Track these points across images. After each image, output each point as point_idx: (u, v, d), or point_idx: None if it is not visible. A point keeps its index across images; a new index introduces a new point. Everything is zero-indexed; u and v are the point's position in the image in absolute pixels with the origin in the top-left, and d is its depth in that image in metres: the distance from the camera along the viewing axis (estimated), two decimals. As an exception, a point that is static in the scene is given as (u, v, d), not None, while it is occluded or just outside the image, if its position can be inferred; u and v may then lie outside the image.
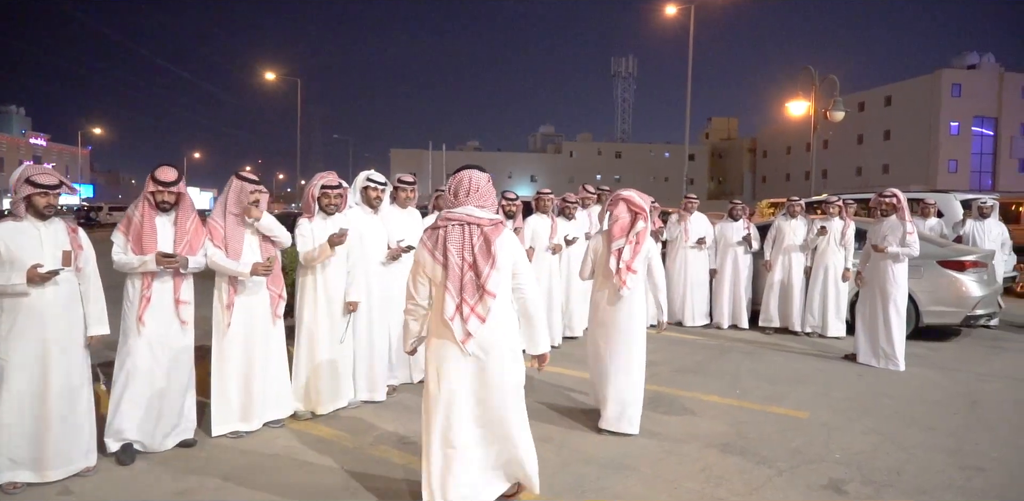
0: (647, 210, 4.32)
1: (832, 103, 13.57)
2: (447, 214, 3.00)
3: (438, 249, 2.97)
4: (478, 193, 3.01)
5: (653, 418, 4.61)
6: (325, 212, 4.55)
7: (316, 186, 4.53)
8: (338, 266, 4.57)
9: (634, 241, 4.26)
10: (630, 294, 4.26)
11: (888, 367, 6.07)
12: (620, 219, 4.31)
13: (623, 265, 4.22)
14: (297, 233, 4.46)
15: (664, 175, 68.46)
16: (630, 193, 4.38)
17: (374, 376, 4.90)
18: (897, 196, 6.08)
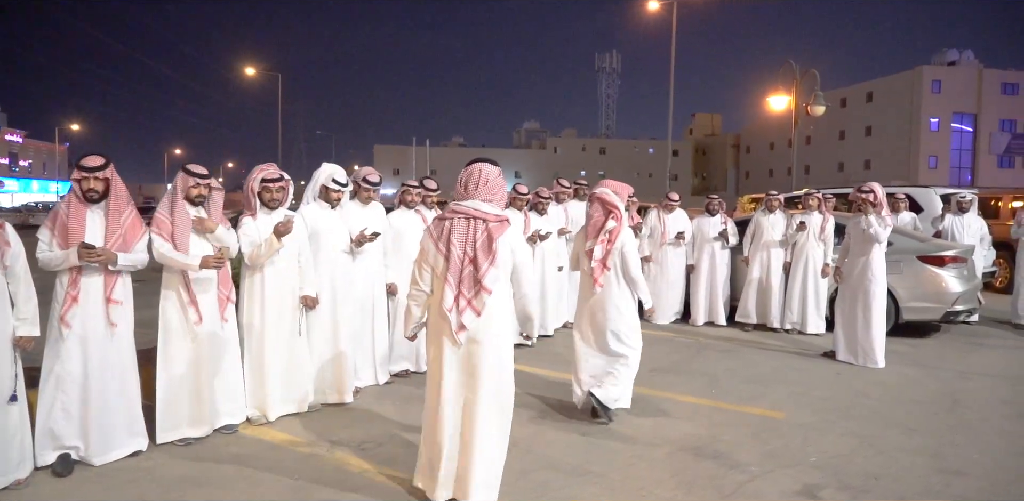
0: (620, 208, 4.30)
1: (813, 97, 13.48)
2: (454, 206, 3.04)
3: (442, 240, 3.03)
4: (487, 187, 3.06)
5: (625, 421, 4.44)
6: (268, 207, 4.32)
7: (255, 180, 4.28)
8: (287, 262, 4.33)
9: (605, 240, 4.28)
10: (609, 289, 4.29)
11: (867, 364, 5.95)
12: (594, 218, 4.34)
13: (595, 264, 4.27)
14: (240, 233, 4.21)
15: (648, 171, 68.51)
16: (604, 190, 4.35)
17: (337, 377, 4.69)
18: (875, 191, 5.95)
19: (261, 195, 4.30)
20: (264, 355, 4.28)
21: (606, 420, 4.34)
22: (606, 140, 78.63)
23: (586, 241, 4.37)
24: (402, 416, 4.51)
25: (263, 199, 4.30)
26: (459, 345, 3.02)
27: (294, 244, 4.37)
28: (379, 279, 5.14)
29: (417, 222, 5.50)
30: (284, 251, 4.30)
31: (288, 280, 4.36)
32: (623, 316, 4.35)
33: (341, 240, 4.75)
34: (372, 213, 5.10)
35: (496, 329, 3.04)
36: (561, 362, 6.02)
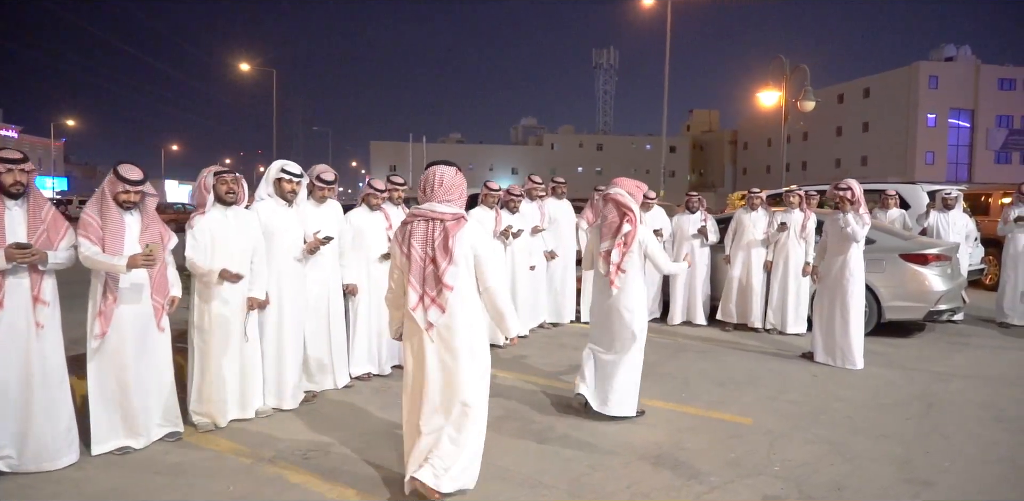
0: (635, 209, 4.30)
1: (803, 93, 13.29)
2: (414, 210, 3.17)
3: (404, 243, 3.17)
4: (443, 188, 3.14)
5: (586, 427, 4.28)
6: (225, 202, 4.15)
7: (208, 175, 4.12)
8: (240, 264, 4.17)
9: (622, 243, 4.27)
10: (624, 290, 4.31)
11: (845, 366, 5.79)
12: (608, 219, 4.35)
13: (612, 267, 4.27)
14: (188, 235, 4.04)
15: (645, 167, 68.20)
16: (618, 191, 4.34)
17: (288, 382, 4.52)
18: (852, 188, 5.78)
19: (217, 188, 4.12)
20: (213, 359, 4.12)
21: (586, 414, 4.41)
22: (603, 136, 78.38)
23: (601, 242, 4.38)
24: (356, 421, 4.35)
25: (220, 192, 4.13)
26: (432, 341, 3.14)
27: (248, 244, 4.21)
28: (334, 280, 4.97)
29: (379, 221, 5.33)
30: (238, 252, 4.14)
31: (240, 282, 4.19)
32: (635, 317, 4.35)
33: (295, 241, 4.58)
34: (328, 213, 4.93)
35: (464, 321, 3.14)
36: (522, 365, 5.87)
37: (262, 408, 4.39)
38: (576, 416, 4.48)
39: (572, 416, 4.50)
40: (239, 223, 4.19)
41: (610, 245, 4.31)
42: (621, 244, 4.27)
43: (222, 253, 4.10)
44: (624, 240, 4.27)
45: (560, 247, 7.45)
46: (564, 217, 7.52)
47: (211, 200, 4.11)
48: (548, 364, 5.91)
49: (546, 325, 7.48)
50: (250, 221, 4.26)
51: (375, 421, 4.37)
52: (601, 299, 4.47)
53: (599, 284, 4.48)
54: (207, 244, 4.08)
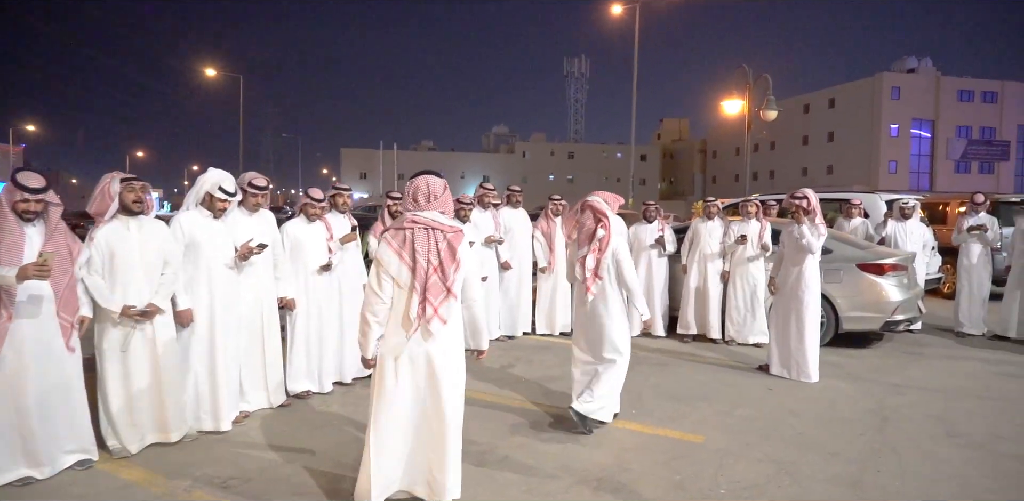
0: (609, 216, 4.34)
1: (765, 102, 13.33)
2: (413, 217, 3.10)
3: (405, 250, 3.07)
4: (439, 200, 3.16)
5: (528, 448, 4.09)
6: (131, 211, 3.86)
7: (113, 181, 3.81)
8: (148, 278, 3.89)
9: (596, 249, 4.29)
10: (603, 298, 4.34)
11: (800, 379, 5.68)
12: (585, 226, 4.40)
13: (588, 273, 4.29)
14: (84, 250, 3.73)
15: (616, 175, 68.53)
16: (595, 199, 4.43)
17: (214, 402, 4.26)
18: (808, 197, 5.70)
19: (123, 196, 3.84)
20: (119, 382, 3.83)
21: (585, 431, 4.32)
22: (575, 145, 78.60)
23: (579, 249, 4.41)
24: (288, 442, 4.10)
25: (126, 201, 3.84)
26: (422, 354, 3.07)
27: (155, 258, 3.93)
28: (269, 294, 4.72)
29: (318, 232, 5.10)
30: (143, 267, 3.86)
31: (151, 295, 3.91)
32: (614, 324, 4.36)
33: (223, 252, 4.32)
34: (260, 222, 4.69)
35: (456, 337, 3.18)
36: (467, 381, 5.64)
37: (185, 432, 4.12)
38: (522, 436, 4.29)
39: (518, 435, 4.30)
40: (144, 236, 3.90)
41: (586, 251, 4.33)
42: (596, 250, 4.29)
43: (123, 269, 3.80)
44: (599, 246, 4.28)
45: (515, 257, 7.27)
46: (519, 227, 7.34)
47: (114, 209, 3.82)
48: (496, 379, 5.71)
49: (502, 338, 7.28)
50: (157, 232, 3.97)
51: (308, 443, 4.12)
52: (580, 307, 4.50)
53: (578, 292, 4.51)
54: (106, 259, 3.78)
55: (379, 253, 3.11)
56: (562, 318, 7.54)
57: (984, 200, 7.71)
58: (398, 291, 3.08)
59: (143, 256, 3.87)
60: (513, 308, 7.34)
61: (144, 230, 3.93)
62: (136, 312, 3.78)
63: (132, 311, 3.77)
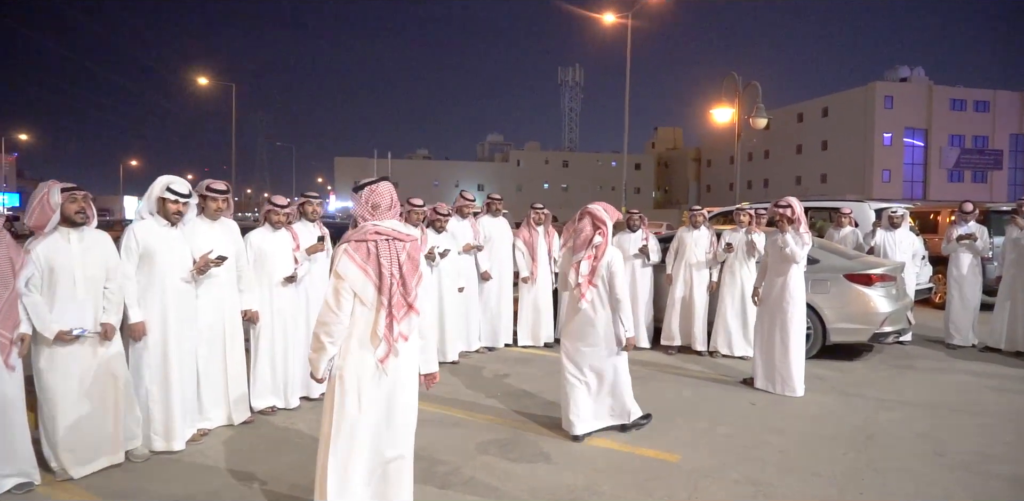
0: (609, 225, 4.34)
1: (755, 110, 13.23)
2: (376, 228, 2.87)
3: (370, 264, 2.84)
4: (395, 209, 2.98)
5: (495, 468, 3.90)
6: (74, 222, 3.66)
7: (54, 190, 3.60)
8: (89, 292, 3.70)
9: (592, 256, 4.26)
10: (593, 307, 4.31)
11: (785, 393, 5.50)
12: (583, 232, 4.34)
13: (582, 279, 4.26)
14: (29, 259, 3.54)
15: (611, 184, 68.53)
16: (596, 207, 4.39)
17: (167, 421, 4.06)
18: (792, 206, 5.55)
19: (65, 207, 3.64)
20: (59, 403, 3.62)
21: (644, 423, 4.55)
22: (569, 153, 78.66)
23: (573, 254, 4.37)
24: (245, 462, 3.90)
25: (68, 212, 3.64)
26: (386, 375, 2.88)
27: (97, 271, 3.73)
28: (231, 305, 4.53)
29: (283, 241, 4.92)
30: (84, 281, 3.66)
31: (93, 310, 3.72)
32: (608, 334, 4.35)
33: (179, 262, 4.13)
34: (222, 231, 4.50)
35: (415, 355, 3.03)
36: (441, 395, 5.45)
37: (138, 451, 3.92)
38: (490, 455, 4.10)
39: (486, 455, 4.11)
40: (86, 247, 3.70)
41: (581, 256, 4.29)
42: (592, 257, 4.26)
43: (63, 284, 3.60)
44: (595, 253, 4.25)
45: (495, 267, 7.10)
46: (500, 236, 7.17)
47: (55, 220, 3.61)
48: (470, 394, 5.52)
49: (481, 350, 7.09)
50: (100, 244, 3.78)
51: (267, 464, 3.92)
52: (572, 316, 4.42)
53: (570, 301, 4.43)
54: (45, 275, 3.57)
55: (340, 268, 2.81)
56: (546, 329, 7.37)
57: (973, 209, 7.57)
58: (360, 308, 2.84)
59: (84, 270, 3.67)
60: (494, 319, 7.16)
61: (86, 242, 3.72)
62: (71, 337, 3.58)
63: (67, 337, 3.57)
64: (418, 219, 6.03)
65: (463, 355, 6.80)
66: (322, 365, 2.86)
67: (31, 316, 3.49)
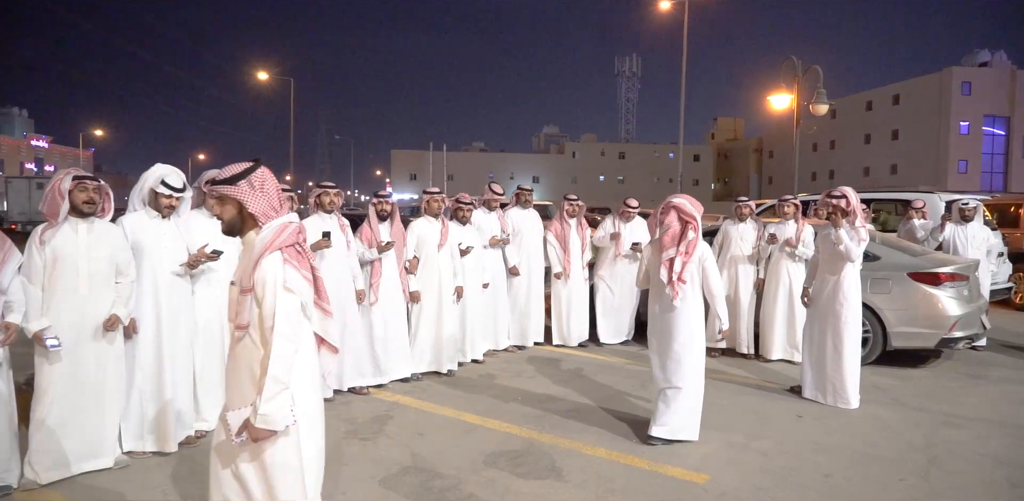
0: (698, 219, 4.20)
1: (816, 95, 12.40)
2: (297, 227, 2.31)
3: (304, 270, 2.28)
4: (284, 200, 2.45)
5: (499, 484, 3.54)
6: (80, 213, 3.51)
7: (65, 178, 3.48)
8: (92, 286, 3.53)
9: (684, 252, 4.13)
10: (684, 304, 4.16)
11: (837, 404, 4.96)
12: (671, 228, 4.19)
13: (675, 276, 4.12)
14: (27, 252, 3.41)
15: (668, 176, 67.03)
16: (681, 200, 4.20)
17: (160, 421, 3.85)
18: (847, 197, 4.98)
19: (74, 196, 3.49)
20: (48, 398, 3.44)
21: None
22: (626, 145, 77.44)
23: (661, 252, 4.21)
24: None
25: (76, 201, 3.49)
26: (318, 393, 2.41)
27: (105, 266, 3.56)
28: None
29: None
30: (88, 275, 3.49)
31: (95, 306, 3.54)
32: (693, 333, 4.21)
33: (172, 257, 3.91)
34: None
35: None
36: (456, 398, 5.11)
37: (120, 456, 3.72)
38: (496, 469, 3.74)
39: (492, 468, 3.76)
40: (94, 239, 3.55)
41: (673, 254, 4.15)
42: (684, 253, 4.13)
43: (65, 276, 3.46)
44: (687, 249, 4.12)
45: (525, 262, 6.71)
46: (529, 228, 6.77)
47: (65, 209, 3.48)
48: (489, 397, 5.17)
49: (511, 349, 6.74)
50: (109, 237, 3.62)
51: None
52: (661, 314, 4.26)
53: (659, 298, 4.27)
54: (48, 264, 3.44)
55: (291, 281, 2.22)
56: (579, 328, 6.96)
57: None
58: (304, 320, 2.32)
59: (89, 263, 3.51)
60: (523, 316, 6.78)
61: (95, 233, 3.57)
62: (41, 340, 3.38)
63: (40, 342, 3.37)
64: (435, 209, 5.69)
65: (490, 354, 6.46)
66: (287, 412, 2.17)
67: (28, 307, 3.36)
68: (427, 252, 5.62)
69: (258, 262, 2.19)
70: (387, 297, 5.33)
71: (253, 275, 2.19)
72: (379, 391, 5.23)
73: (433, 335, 5.68)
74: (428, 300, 5.63)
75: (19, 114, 74.97)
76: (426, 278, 5.61)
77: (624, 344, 7.11)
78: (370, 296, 5.24)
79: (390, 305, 5.35)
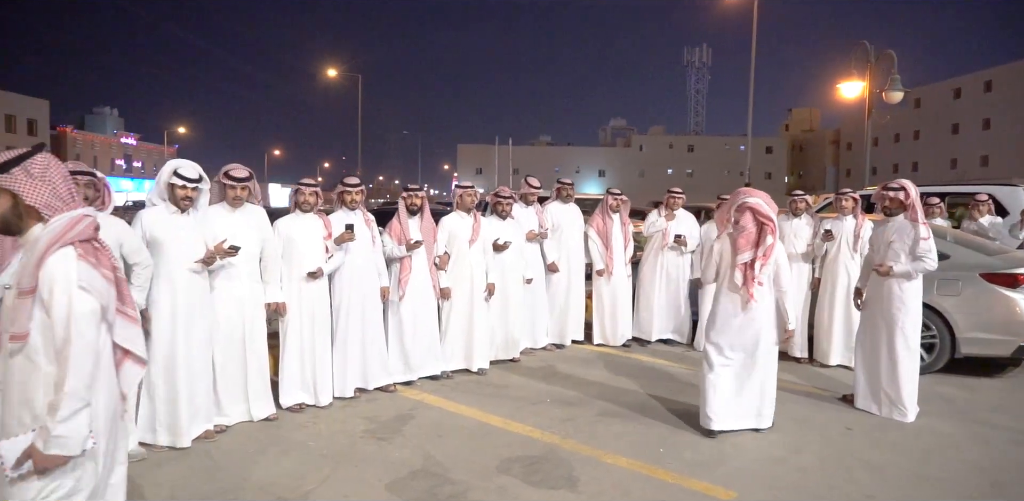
0: (775, 221, 4.12)
1: (890, 82, 11.63)
2: (90, 219, 2.01)
3: (104, 263, 1.99)
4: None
5: (508, 493, 3.37)
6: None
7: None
8: None
9: (763, 255, 4.07)
10: (761, 305, 4.14)
11: (893, 417, 4.56)
12: (746, 230, 4.11)
13: (753, 279, 4.08)
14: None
15: (739, 169, 64.97)
16: (757, 200, 4.10)
17: (172, 416, 3.85)
18: (906, 189, 4.55)
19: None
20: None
21: None
22: (695, 137, 75.51)
23: (736, 254, 4.13)
24: (244, 466, 3.61)
25: None
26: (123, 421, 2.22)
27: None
28: (252, 298, 4.28)
29: (313, 227, 4.60)
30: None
31: None
32: (771, 328, 4.22)
33: (190, 252, 3.89)
34: (244, 219, 4.24)
35: None
36: (483, 398, 4.95)
37: (132, 449, 3.73)
38: (509, 475, 3.57)
39: (505, 475, 3.59)
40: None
41: (751, 256, 4.08)
42: (762, 257, 4.07)
43: None
44: (765, 253, 4.07)
45: (565, 258, 6.50)
46: (570, 223, 6.54)
47: None
48: (519, 397, 4.99)
49: (549, 347, 6.54)
50: (112, 229, 3.57)
51: (266, 470, 3.62)
52: (735, 314, 4.19)
53: (731, 299, 4.20)
54: None
55: (87, 279, 1.90)
56: (622, 327, 6.70)
57: None
58: (104, 335, 1.99)
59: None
60: (562, 314, 6.57)
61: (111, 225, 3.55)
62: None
63: None
64: (467, 204, 5.54)
65: (527, 352, 6.29)
66: (86, 434, 1.89)
67: None
68: (458, 248, 5.48)
69: (43, 259, 1.86)
70: (417, 293, 5.22)
71: (37, 274, 1.86)
72: (406, 389, 5.14)
73: (464, 332, 5.55)
74: (459, 297, 5.50)
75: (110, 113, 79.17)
76: (457, 274, 5.48)
77: (669, 344, 6.81)
78: (398, 292, 5.14)
79: (420, 301, 5.24)
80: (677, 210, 6.76)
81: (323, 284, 4.65)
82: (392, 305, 5.16)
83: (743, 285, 4.10)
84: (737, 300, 4.17)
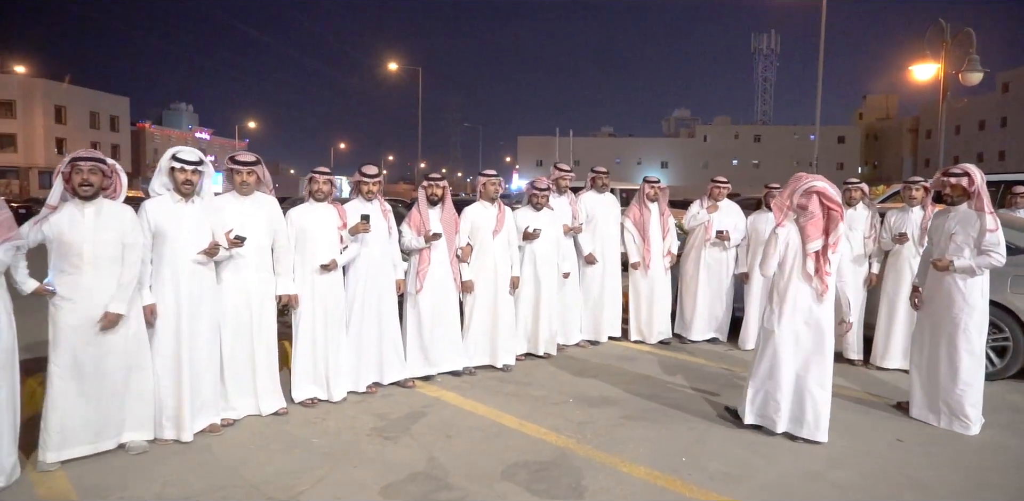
0: (842, 207, 3.88)
1: (967, 62, 10.75)
2: None
3: None
4: None
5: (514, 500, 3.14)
6: (79, 196, 3.44)
7: (65, 160, 3.46)
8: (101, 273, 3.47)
9: (833, 243, 3.84)
10: (828, 297, 3.91)
11: (953, 428, 4.11)
12: (815, 216, 3.86)
13: (824, 270, 3.85)
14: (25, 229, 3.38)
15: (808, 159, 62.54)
16: (823, 184, 3.85)
17: (177, 410, 3.77)
18: (970, 175, 4.07)
19: (71, 178, 3.44)
20: (56, 378, 3.42)
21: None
22: (761, 127, 73.08)
23: (807, 242, 3.86)
24: (242, 462, 3.49)
25: (73, 183, 3.44)
26: None
27: (111, 250, 3.48)
28: (261, 289, 4.17)
29: (329, 217, 4.46)
30: (92, 260, 3.43)
31: (101, 288, 3.48)
32: (832, 324, 3.96)
33: (196, 242, 3.80)
34: (254, 207, 4.13)
35: None
36: (502, 397, 4.72)
37: (134, 443, 3.67)
38: (512, 482, 3.34)
39: (508, 481, 3.36)
40: (100, 222, 3.47)
41: (821, 244, 3.84)
42: (833, 245, 3.85)
43: (71, 259, 3.41)
44: (835, 241, 3.85)
45: (599, 250, 6.19)
46: (605, 214, 6.22)
47: (57, 190, 3.45)
48: (540, 396, 4.74)
49: (583, 343, 6.25)
50: (118, 221, 3.53)
51: (263, 467, 3.50)
52: (802, 306, 3.91)
53: (800, 290, 3.90)
54: (53, 247, 3.43)
55: None
56: (660, 324, 6.36)
57: None
58: None
59: (95, 247, 3.45)
60: (596, 309, 6.27)
61: (102, 216, 3.50)
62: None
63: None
64: (490, 192, 5.31)
65: (560, 348, 6.02)
66: None
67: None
68: (481, 239, 5.26)
69: None
70: (436, 286, 5.03)
71: None
72: (425, 385, 4.96)
73: (488, 327, 5.34)
74: (482, 290, 5.28)
75: (186, 109, 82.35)
76: (480, 267, 5.26)
77: (712, 342, 6.43)
78: (415, 284, 4.96)
79: (439, 294, 5.05)
80: (721, 201, 6.36)
81: (337, 276, 4.51)
82: (410, 297, 4.99)
83: (815, 274, 3.84)
84: (808, 292, 3.88)
